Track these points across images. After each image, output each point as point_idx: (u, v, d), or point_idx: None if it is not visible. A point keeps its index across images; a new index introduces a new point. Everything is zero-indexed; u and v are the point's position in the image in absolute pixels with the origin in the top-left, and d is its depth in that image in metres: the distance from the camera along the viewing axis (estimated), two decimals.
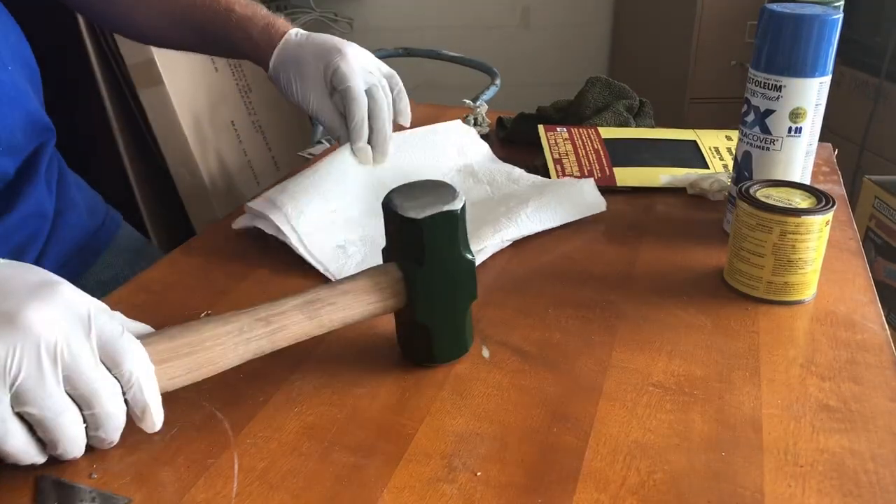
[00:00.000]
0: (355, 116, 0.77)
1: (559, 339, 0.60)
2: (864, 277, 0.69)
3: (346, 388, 0.55)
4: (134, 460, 0.48)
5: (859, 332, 0.60)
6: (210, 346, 0.48)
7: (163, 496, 0.45)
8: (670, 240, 0.77)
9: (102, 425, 0.45)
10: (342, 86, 0.77)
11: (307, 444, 0.49)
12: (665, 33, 2.46)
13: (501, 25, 2.83)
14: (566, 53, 2.78)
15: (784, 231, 0.62)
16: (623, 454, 0.48)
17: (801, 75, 0.68)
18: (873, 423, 0.50)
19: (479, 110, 1.09)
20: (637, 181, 0.89)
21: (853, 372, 0.56)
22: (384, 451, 0.48)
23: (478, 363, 0.57)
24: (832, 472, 0.46)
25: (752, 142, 0.72)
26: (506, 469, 0.47)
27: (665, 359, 0.57)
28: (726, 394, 0.53)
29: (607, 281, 0.69)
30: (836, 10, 0.68)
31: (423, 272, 0.53)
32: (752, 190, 0.65)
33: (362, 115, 0.77)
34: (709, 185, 0.86)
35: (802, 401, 0.53)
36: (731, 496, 0.45)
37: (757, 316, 0.63)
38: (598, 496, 0.45)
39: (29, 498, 0.45)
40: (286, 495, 0.45)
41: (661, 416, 0.51)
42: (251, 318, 0.50)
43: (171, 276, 0.71)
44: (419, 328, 0.55)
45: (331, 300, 0.52)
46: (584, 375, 0.56)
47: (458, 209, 0.52)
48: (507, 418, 0.51)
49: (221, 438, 0.50)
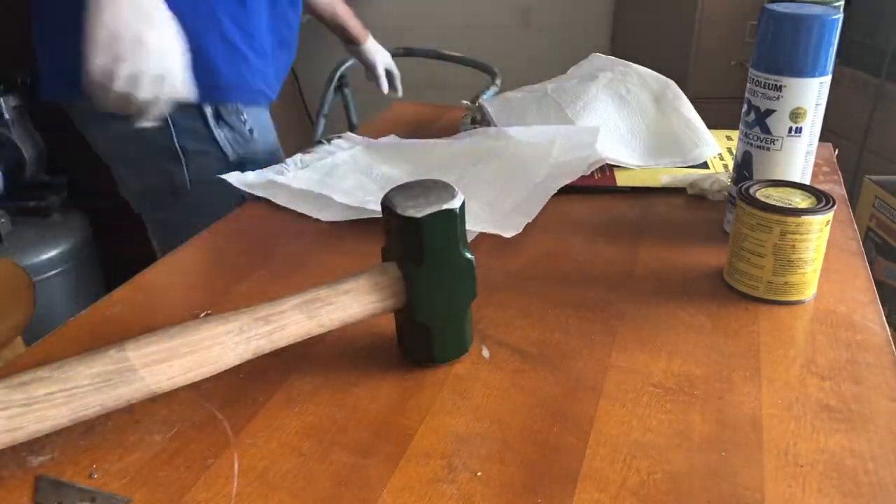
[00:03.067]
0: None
1: (559, 339, 0.60)
2: (864, 277, 0.69)
3: (346, 388, 0.55)
4: (134, 460, 0.48)
5: (859, 332, 0.60)
6: (209, 346, 0.48)
7: (163, 496, 0.45)
8: (670, 240, 0.77)
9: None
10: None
11: (307, 444, 0.49)
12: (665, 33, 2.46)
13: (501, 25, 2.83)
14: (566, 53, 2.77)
15: (784, 231, 0.62)
16: (623, 454, 0.48)
17: (801, 75, 0.68)
18: (873, 423, 0.50)
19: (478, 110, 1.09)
20: (637, 181, 0.89)
21: (853, 372, 0.55)
22: (384, 451, 0.48)
23: (478, 363, 0.57)
24: (832, 472, 0.46)
25: (753, 142, 0.72)
26: (506, 469, 0.47)
27: (665, 359, 0.57)
28: (726, 394, 0.53)
29: (607, 281, 0.69)
30: (836, 10, 0.68)
31: (423, 272, 0.53)
32: (753, 190, 0.65)
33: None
34: (709, 185, 0.86)
35: (802, 401, 0.53)
36: (731, 496, 0.45)
37: (757, 316, 0.63)
38: (598, 496, 0.45)
39: (28, 498, 0.45)
40: (286, 495, 0.45)
41: (661, 416, 0.51)
42: (251, 318, 0.50)
43: (171, 277, 0.71)
44: (419, 328, 0.55)
45: (330, 300, 0.52)
46: (584, 375, 0.56)
47: (457, 208, 0.52)
48: (507, 418, 0.51)
49: (221, 438, 0.50)
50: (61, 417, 0.44)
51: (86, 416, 0.45)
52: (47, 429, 0.44)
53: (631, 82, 0.97)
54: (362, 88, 1.91)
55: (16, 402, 0.43)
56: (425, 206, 0.52)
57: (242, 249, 0.75)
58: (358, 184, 0.87)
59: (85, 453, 0.48)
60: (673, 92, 0.96)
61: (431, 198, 0.52)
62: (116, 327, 0.62)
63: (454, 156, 0.91)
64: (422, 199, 0.52)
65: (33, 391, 0.44)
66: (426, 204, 0.52)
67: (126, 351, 0.46)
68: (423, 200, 0.52)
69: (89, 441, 0.49)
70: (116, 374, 0.46)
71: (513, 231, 0.74)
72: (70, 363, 0.45)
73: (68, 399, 0.44)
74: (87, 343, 0.60)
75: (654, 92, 0.96)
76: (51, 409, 0.44)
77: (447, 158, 0.91)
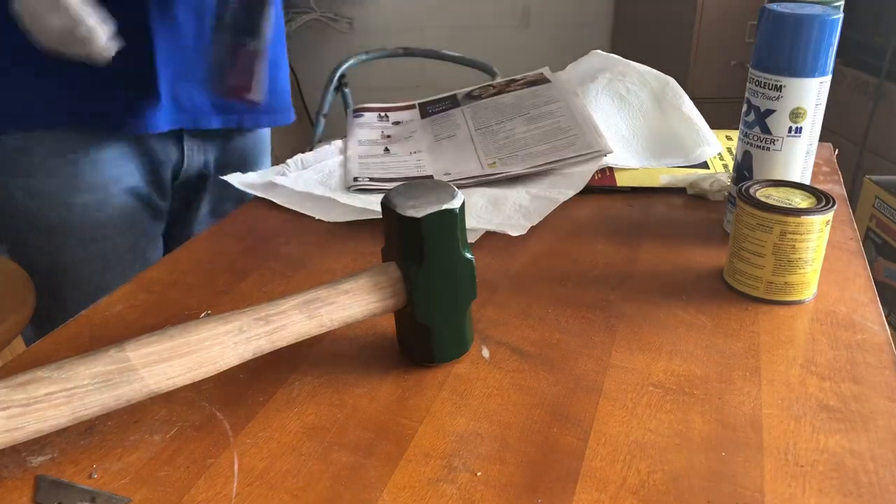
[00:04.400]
0: None
1: (559, 339, 0.60)
2: (864, 277, 0.69)
3: (346, 388, 0.55)
4: (134, 460, 0.48)
5: (859, 332, 0.60)
6: (210, 346, 0.48)
7: (163, 496, 0.45)
8: (670, 240, 0.77)
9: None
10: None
11: (307, 444, 0.49)
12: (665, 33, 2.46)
13: (501, 25, 2.83)
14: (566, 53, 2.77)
15: (784, 231, 0.62)
16: (623, 454, 0.48)
17: (801, 75, 0.68)
18: (873, 423, 0.50)
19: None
20: (637, 181, 0.89)
21: (853, 372, 0.56)
22: (384, 451, 0.48)
23: (478, 363, 0.57)
24: (832, 472, 0.46)
25: (753, 142, 0.72)
26: (506, 469, 0.47)
27: (665, 359, 0.57)
28: (726, 394, 0.53)
29: (607, 281, 0.69)
30: (836, 10, 0.68)
31: (423, 272, 0.53)
32: (753, 190, 0.65)
33: None
34: (709, 185, 0.86)
35: (802, 401, 0.53)
36: (731, 496, 0.45)
37: (757, 316, 0.63)
38: (598, 496, 0.45)
39: (28, 498, 0.45)
40: (286, 495, 0.45)
41: (661, 416, 0.51)
42: (251, 318, 0.50)
43: (171, 276, 0.71)
44: (419, 328, 0.55)
45: (330, 299, 0.52)
46: (584, 375, 0.56)
47: (457, 208, 0.52)
48: (507, 418, 0.51)
49: (221, 438, 0.50)
50: (61, 417, 0.44)
51: (86, 416, 0.45)
52: (47, 429, 0.44)
53: (631, 81, 0.97)
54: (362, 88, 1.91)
55: (16, 402, 0.43)
56: (426, 205, 0.52)
57: (242, 249, 0.75)
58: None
59: (85, 453, 0.48)
60: (673, 90, 0.96)
61: (432, 198, 0.52)
62: (116, 327, 0.62)
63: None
64: (422, 198, 0.52)
65: (33, 391, 0.44)
66: (427, 204, 0.52)
67: (126, 351, 0.46)
68: (423, 200, 0.52)
69: (89, 441, 0.49)
70: (117, 374, 0.46)
71: (518, 231, 0.74)
72: (70, 363, 0.45)
73: (68, 399, 0.44)
74: (87, 343, 0.60)
75: (654, 90, 0.96)
76: (51, 408, 0.44)
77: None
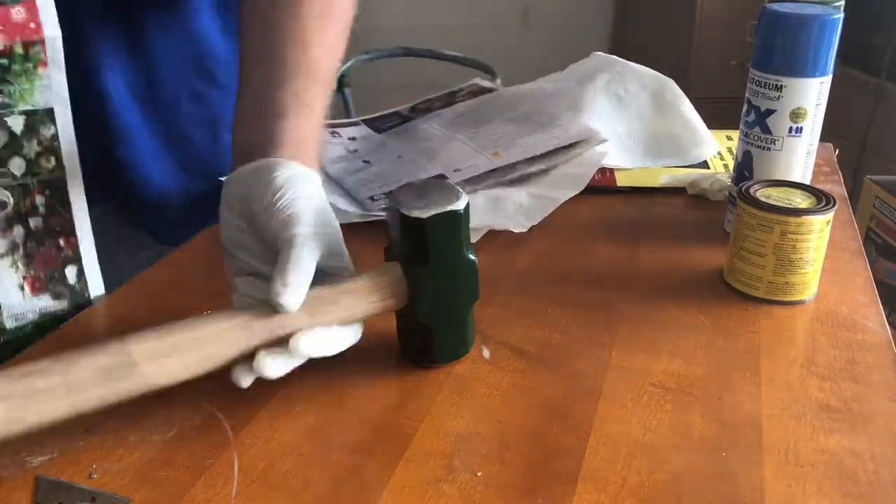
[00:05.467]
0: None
1: (559, 339, 0.60)
2: (864, 277, 0.69)
3: (346, 388, 0.55)
4: (134, 460, 0.48)
5: (860, 332, 0.60)
6: (211, 343, 0.48)
7: (163, 496, 0.45)
8: (670, 240, 0.77)
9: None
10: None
11: (307, 444, 0.49)
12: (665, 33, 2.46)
13: (501, 25, 2.83)
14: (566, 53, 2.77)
15: (785, 231, 0.62)
16: (623, 454, 0.48)
17: (801, 75, 0.68)
18: (873, 423, 0.50)
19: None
20: (637, 181, 0.89)
21: (853, 372, 0.55)
22: (384, 451, 0.48)
23: (478, 363, 0.57)
24: (832, 472, 0.46)
25: (753, 142, 0.72)
26: (506, 469, 0.47)
27: (665, 359, 0.57)
28: (726, 394, 0.53)
29: (607, 281, 0.69)
30: (836, 10, 0.68)
31: (427, 272, 0.53)
32: (753, 190, 0.65)
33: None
34: (709, 185, 0.86)
35: (802, 401, 0.53)
36: (731, 496, 0.44)
37: (757, 316, 0.63)
38: (598, 496, 0.44)
39: (28, 498, 0.45)
40: (286, 495, 0.45)
41: (661, 416, 0.51)
42: (253, 316, 0.50)
43: (171, 276, 0.71)
44: (420, 328, 0.55)
45: (332, 299, 0.52)
46: (584, 375, 0.56)
47: (461, 209, 0.52)
48: (507, 418, 0.51)
49: (221, 438, 0.50)
50: (61, 410, 0.44)
51: (85, 410, 0.45)
52: (47, 422, 0.44)
53: (629, 82, 0.97)
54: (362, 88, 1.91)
55: (16, 394, 0.43)
56: (431, 206, 0.52)
57: None
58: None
59: (85, 453, 0.48)
60: (672, 91, 0.96)
61: (437, 198, 0.52)
62: (116, 327, 0.62)
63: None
64: (427, 199, 0.52)
65: (33, 383, 0.43)
66: (431, 204, 0.52)
67: (127, 345, 0.46)
68: (428, 201, 0.52)
69: (89, 441, 0.49)
70: (117, 368, 0.45)
71: (520, 228, 0.74)
72: (71, 356, 0.45)
73: (68, 392, 0.44)
74: (87, 343, 0.60)
75: (653, 92, 0.96)
76: (51, 401, 0.44)
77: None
